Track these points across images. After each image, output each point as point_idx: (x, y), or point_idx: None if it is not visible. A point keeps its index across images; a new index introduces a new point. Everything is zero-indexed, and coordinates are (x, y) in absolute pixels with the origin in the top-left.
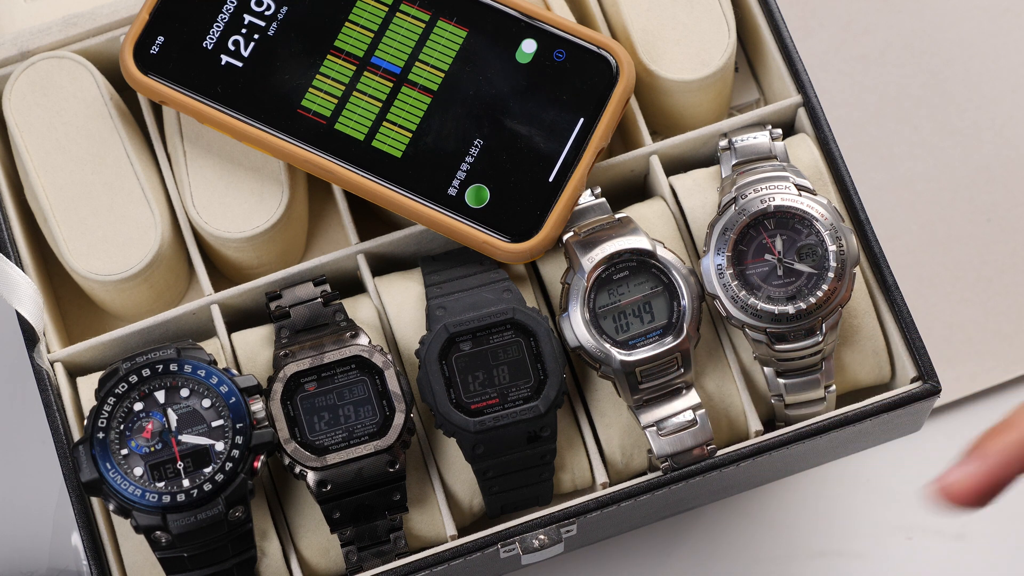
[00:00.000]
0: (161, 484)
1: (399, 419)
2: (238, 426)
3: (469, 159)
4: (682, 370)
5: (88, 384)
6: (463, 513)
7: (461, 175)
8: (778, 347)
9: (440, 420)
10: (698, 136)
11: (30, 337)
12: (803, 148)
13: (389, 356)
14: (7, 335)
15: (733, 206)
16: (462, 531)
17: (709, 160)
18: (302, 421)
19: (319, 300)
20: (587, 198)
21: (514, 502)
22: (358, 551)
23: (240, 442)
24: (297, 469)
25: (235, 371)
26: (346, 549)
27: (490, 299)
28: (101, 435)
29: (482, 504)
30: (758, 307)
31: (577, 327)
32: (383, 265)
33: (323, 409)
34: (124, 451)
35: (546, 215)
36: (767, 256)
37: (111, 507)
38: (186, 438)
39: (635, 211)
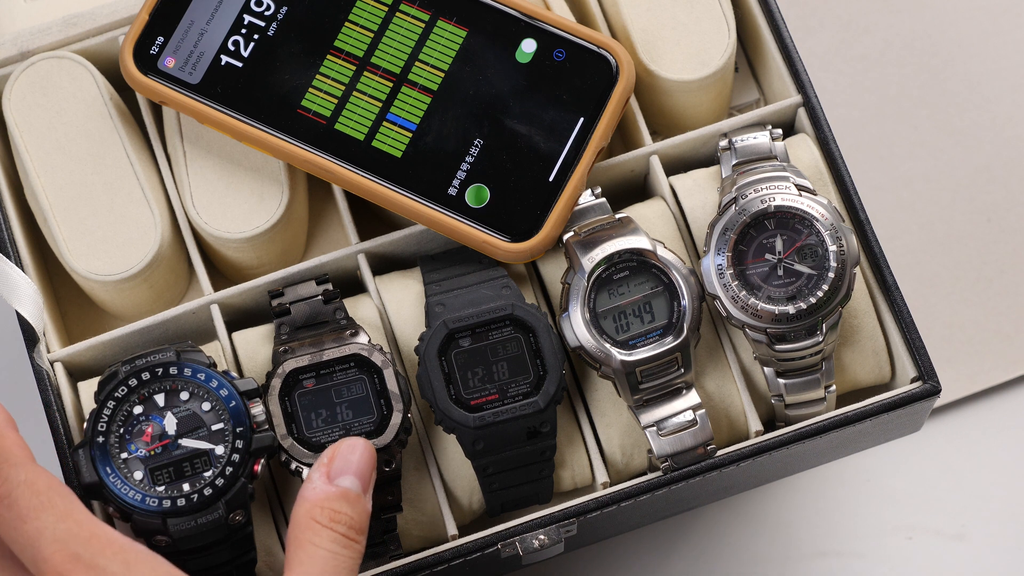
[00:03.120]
0: (161, 488)
1: (396, 419)
2: (238, 430)
3: (469, 159)
4: (682, 370)
5: (89, 389)
6: (463, 511)
7: (461, 175)
8: (778, 347)
9: (440, 416)
10: (698, 136)
11: (30, 337)
12: (803, 148)
13: (388, 355)
14: (7, 335)
15: (733, 206)
16: (462, 530)
17: (709, 160)
18: (299, 417)
19: (320, 297)
20: (587, 198)
21: (514, 499)
22: None
23: (240, 446)
24: (293, 465)
25: (235, 374)
26: None
27: (489, 295)
28: (101, 439)
29: (482, 502)
30: (758, 307)
31: (577, 327)
32: (383, 265)
33: (321, 406)
34: (124, 455)
35: (546, 215)
36: (767, 256)
37: (111, 510)
38: (186, 442)
39: (635, 211)
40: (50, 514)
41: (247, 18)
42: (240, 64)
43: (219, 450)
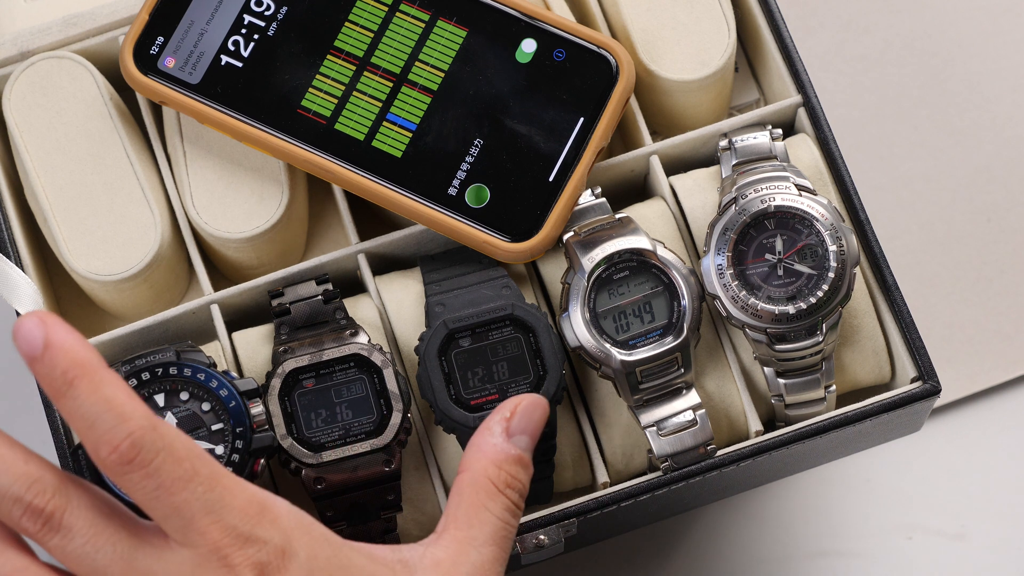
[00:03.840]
0: None
1: (396, 418)
2: (238, 430)
3: (469, 159)
4: (682, 370)
5: None
6: None
7: (461, 175)
8: (778, 347)
9: (440, 416)
10: (698, 136)
11: None
12: (803, 148)
13: (388, 355)
14: (7, 335)
15: (733, 206)
16: None
17: (709, 160)
18: (299, 417)
19: (320, 298)
20: (587, 198)
21: None
22: None
23: (240, 446)
24: (293, 465)
25: (234, 374)
26: None
27: (489, 295)
28: None
29: None
30: (758, 307)
31: (577, 327)
32: (383, 265)
33: (320, 406)
34: None
35: (546, 215)
36: (767, 256)
37: None
38: None
39: (635, 211)
40: (197, 484)
41: (247, 18)
42: (240, 64)
43: (219, 450)
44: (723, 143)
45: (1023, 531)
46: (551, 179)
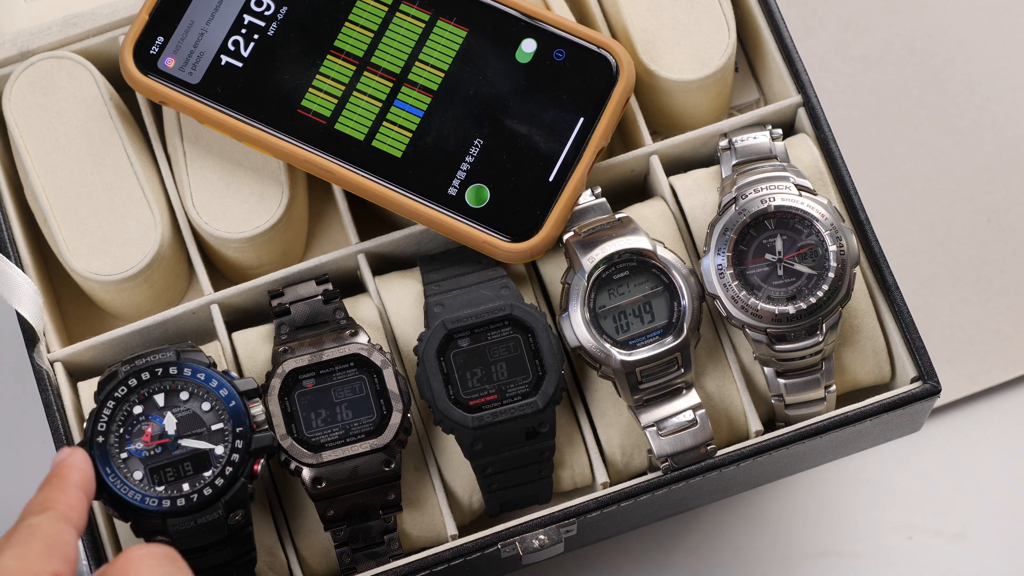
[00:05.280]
0: (161, 488)
1: (396, 418)
2: (238, 430)
3: (469, 159)
4: (682, 370)
5: (89, 388)
6: (463, 511)
7: (461, 175)
8: (778, 347)
9: (439, 416)
10: (698, 136)
11: (30, 337)
12: (803, 148)
13: (388, 355)
14: (7, 335)
15: (733, 206)
16: (462, 530)
17: (709, 160)
18: (299, 417)
19: (320, 298)
20: (587, 198)
21: (513, 500)
22: (352, 552)
23: (240, 446)
24: (293, 465)
25: (234, 374)
26: (340, 550)
27: (488, 296)
28: (101, 439)
29: (482, 502)
30: (758, 307)
31: (577, 327)
32: (383, 265)
33: (320, 406)
34: (124, 455)
35: (546, 215)
36: (767, 256)
37: (111, 511)
38: (186, 442)
39: (635, 211)
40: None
41: (247, 18)
42: (240, 64)
43: (219, 450)
44: (723, 143)
45: (1023, 531)
46: (551, 179)
